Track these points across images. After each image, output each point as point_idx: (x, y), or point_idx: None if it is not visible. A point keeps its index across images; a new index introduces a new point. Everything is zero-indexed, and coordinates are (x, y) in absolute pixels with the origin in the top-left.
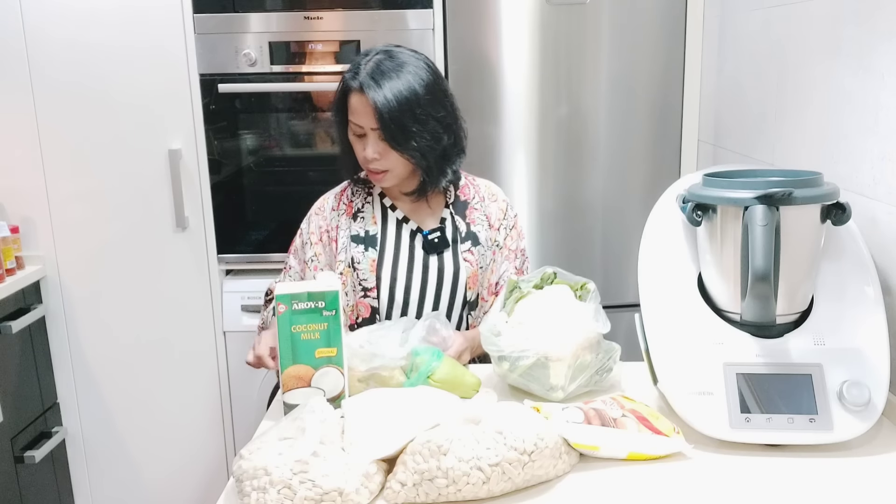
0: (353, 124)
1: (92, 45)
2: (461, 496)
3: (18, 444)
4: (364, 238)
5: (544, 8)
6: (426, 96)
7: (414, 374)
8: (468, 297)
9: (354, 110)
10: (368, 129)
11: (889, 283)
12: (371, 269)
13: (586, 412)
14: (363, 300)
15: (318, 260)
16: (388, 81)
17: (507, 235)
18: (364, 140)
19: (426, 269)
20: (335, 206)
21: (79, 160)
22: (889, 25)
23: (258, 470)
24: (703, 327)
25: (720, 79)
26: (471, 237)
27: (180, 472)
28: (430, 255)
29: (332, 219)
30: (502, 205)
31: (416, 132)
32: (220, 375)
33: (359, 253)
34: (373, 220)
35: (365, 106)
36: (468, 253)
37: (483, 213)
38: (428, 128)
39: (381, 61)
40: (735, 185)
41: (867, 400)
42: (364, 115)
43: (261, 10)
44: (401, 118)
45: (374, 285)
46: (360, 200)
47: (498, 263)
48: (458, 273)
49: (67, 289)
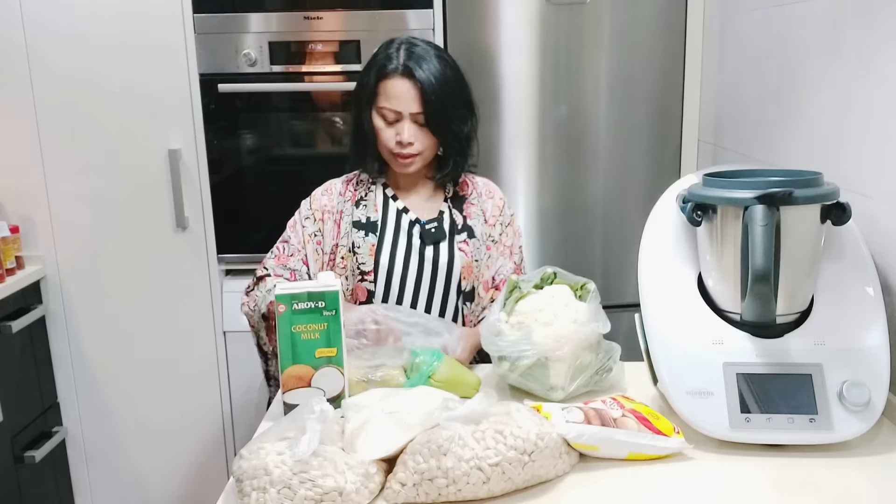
0: (387, 110)
1: (92, 45)
2: (461, 496)
3: (18, 444)
4: (365, 224)
5: (544, 8)
6: (456, 81)
7: (414, 374)
8: (463, 287)
9: (391, 95)
10: (407, 113)
11: (889, 283)
12: (370, 254)
13: (586, 412)
14: (360, 284)
15: (320, 236)
16: (427, 64)
17: (502, 231)
18: (397, 126)
19: (422, 258)
20: (342, 192)
21: (79, 160)
22: (889, 25)
23: (258, 470)
24: (703, 327)
25: (720, 79)
26: (466, 230)
27: (180, 472)
28: (427, 245)
29: (339, 203)
30: (499, 202)
31: (452, 114)
32: (220, 375)
33: (359, 238)
34: (374, 207)
35: (406, 90)
36: (463, 244)
37: (479, 209)
38: (459, 112)
39: (411, 48)
40: (735, 185)
41: (867, 400)
42: (404, 98)
43: (261, 9)
44: (443, 100)
45: (371, 269)
46: (363, 189)
47: (493, 259)
48: (452, 262)
49: (67, 289)
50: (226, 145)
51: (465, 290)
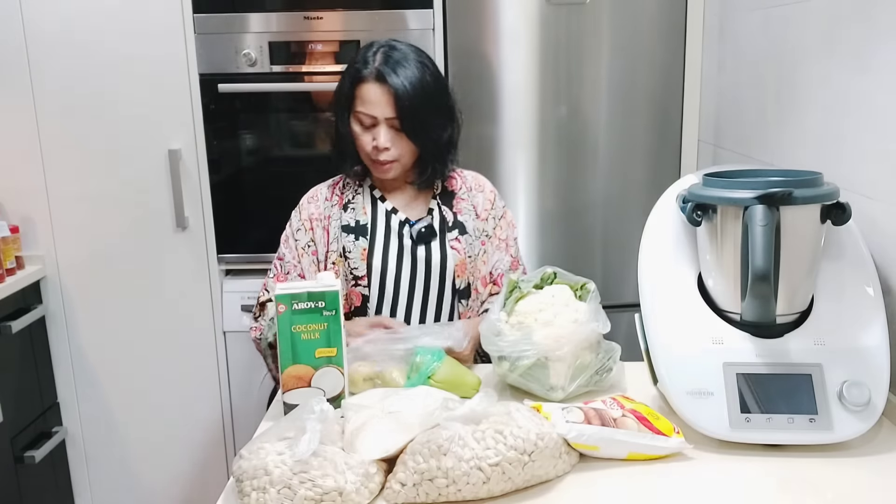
0: (363, 115)
1: (91, 45)
2: (461, 496)
3: (18, 444)
4: (355, 228)
5: (544, 8)
6: (434, 85)
7: (414, 375)
8: (457, 286)
9: (366, 100)
10: (382, 118)
11: (889, 283)
12: (362, 258)
13: (586, 412)
14: (354, 289)
15: (314, 245)
16: (402, 70)
17: (496, 225)
18: (373, 131)
19: (415, 259)
20: (328, 197)
21: (79, 160)
22: (888, 25)
23: (258, 470)
24: (703, 327)
25: (720, 79)
26: (458, 226)
27: (180, 472)
28: (419, 245)
29: (326, 208)
30: (490, 195)
31: (429, 120)
32: (220, 375)
33: (350, 242)
34: (363, 210)
35: (380, 95)
36: (455, 241)
37: (470, 204)
38: (437, 116)
39: (389, 52)
40: (735, 185)
41: (867, 400)
42: (378, 104)
43: (261, 10)
44: (417, 105)
45: (364, 273)
46: (350, 192)
47: (490, 254)
48: (445, 261)
49: (67, 289)
50: (226, 145)
51: (460, 287)
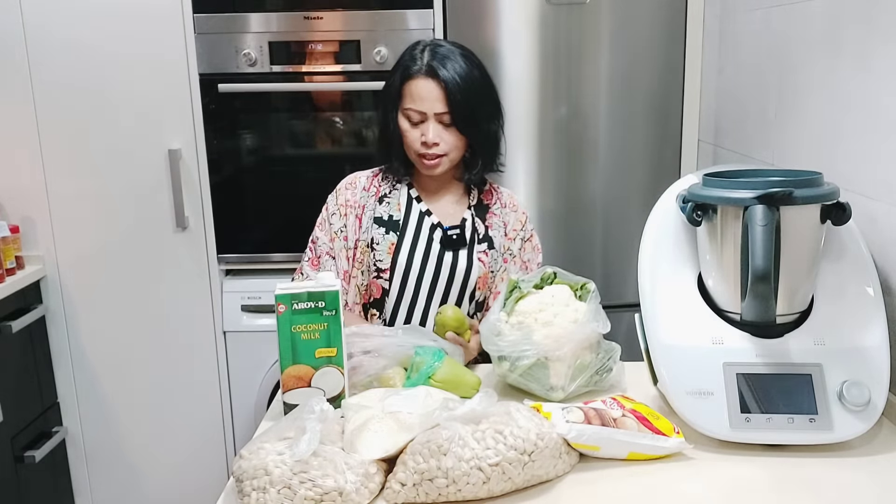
0: (412, 111)
1: (92, 45)
2: (461, 496)
3: (18, 444)
4: (387, 221)
5: (544, 8)
6: (481, 78)
7: (414, 374)
8: (477, 297)
9: (416, 96)
10: (431, 113)
11: (889, 283)
12: (388, 252)
13: (586, 412)
14: (376, 280)
15: (346, 231)
16: (451, 64)
17: (521, 247)
18: (422, 127)
19: (440, 263)
20: (366, 187)
21: (79, 160)
22: (889, 25)
23: (258, 470)
24: (703, 327)
25: (720, 79)
26: (487, 240)
27: (180, 472)
28: (446, 251)
29: (362, 197)
30: (521, 216)
31: (479, 112)
32: (220, 375)
33: (379, 235)
34: (398, 206)
35: (431, 90)
36: (482, 254)
37: (501, 220)
38: (486, 107)
39: (435, 49)
40: (735, 185)
41: (867, 400)
42: (428, 99)
43: (261, 9)
44: (467, 97)
45: (388, 267)
46: (387, 186)
47: (509, 273)
48: (469, 271)
49: (67, 289)
50: (226, 145)
51: (479, 299)
